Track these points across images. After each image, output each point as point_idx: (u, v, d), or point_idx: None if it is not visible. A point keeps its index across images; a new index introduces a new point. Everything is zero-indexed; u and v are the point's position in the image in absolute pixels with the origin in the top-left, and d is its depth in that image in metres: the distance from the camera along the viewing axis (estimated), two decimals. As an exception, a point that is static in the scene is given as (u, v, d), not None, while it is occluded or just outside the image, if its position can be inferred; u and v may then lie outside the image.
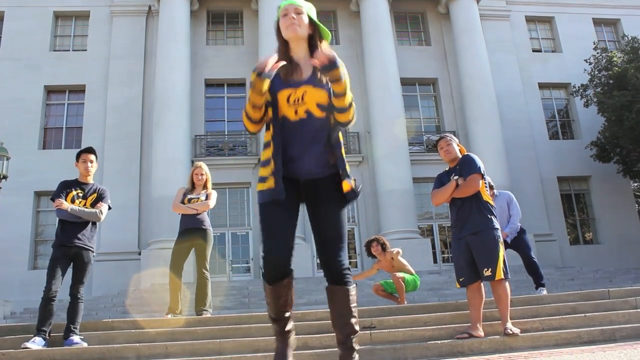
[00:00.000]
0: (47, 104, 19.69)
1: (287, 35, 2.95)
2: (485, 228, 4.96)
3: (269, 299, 2.93)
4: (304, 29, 2.95)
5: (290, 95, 2.90)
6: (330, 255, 2.92)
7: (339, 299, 2.91)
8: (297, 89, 2.90)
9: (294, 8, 2.95)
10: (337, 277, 2.90)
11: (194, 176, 6.91)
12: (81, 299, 5.45)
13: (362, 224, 19.02)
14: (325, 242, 2.95)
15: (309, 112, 2.92)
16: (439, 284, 14.08)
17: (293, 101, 2.90)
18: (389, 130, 18.63)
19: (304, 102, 2.90)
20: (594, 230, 20.96)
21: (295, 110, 2.91)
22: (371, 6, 20.25)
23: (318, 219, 2.99)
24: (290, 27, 2.92)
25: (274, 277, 2.85)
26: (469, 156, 5.20)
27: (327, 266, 2.93)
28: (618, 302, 6.31)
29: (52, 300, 5.28)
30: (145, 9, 20.43)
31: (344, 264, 2.92)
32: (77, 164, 5.75)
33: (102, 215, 5.59)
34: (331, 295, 2.94)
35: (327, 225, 2.97)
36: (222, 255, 18.16)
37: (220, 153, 19.35)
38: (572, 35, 22.73)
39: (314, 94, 2.91)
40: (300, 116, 2.92)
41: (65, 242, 5.46)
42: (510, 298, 5.02)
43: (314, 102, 2.91)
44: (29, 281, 15.92)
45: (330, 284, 2.94)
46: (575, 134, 21.80)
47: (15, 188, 16.34)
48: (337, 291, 2.91)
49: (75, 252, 5.46)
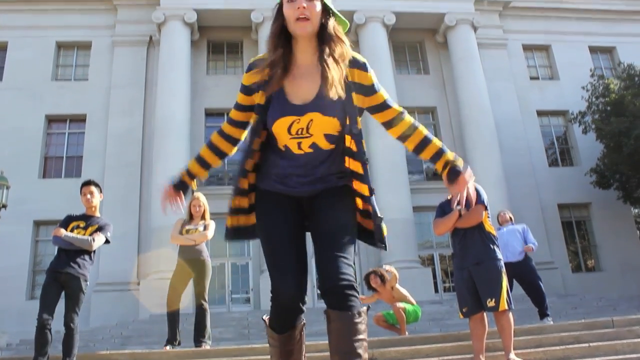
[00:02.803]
0: (48, 133, 19.76)
1: (296, 31, 2.26)
2: (488, 258, 4.93)
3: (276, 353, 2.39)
4: (316, 22, 2.26)
5: (292, 124, 2.28)
6: (327, 269, 2.21)
7: (336, 329, 2.16)
8: (302, 117, 2.28)
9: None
10: (334, 298, 2.17)
11: (191, 207, 6.91)
12: (75, 329, 5.36)
13: (362, 254, 18.88)
14: (326, 254, 2.25)
15: (315, 146, 2.33)
16: (441, 314, 13.93)
17: (296, 132, 2.29)
18: (389, 159, 18.66)
19: (309, 134, 2.30)
20: (596, 257, 20.84)
21: (299, 143, 2.31)
22: (370, 36, 20.48)
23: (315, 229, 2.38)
24: (298, 23, 2.22)
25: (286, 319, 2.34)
26: (473, 186, 5.18)
27: (323, 284, 2.21)
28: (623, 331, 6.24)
29: (45, 327, 5.21)
30: (147, 38, 20.64)
31: (344, 281, 2.18)
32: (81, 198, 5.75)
33: (94, 243, 5.52)
34: (330, 325, 2.20)
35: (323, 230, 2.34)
36: (221, 286, 18.04)
37: (220, 182, 19.36)
38: (569, 63, 22.92)
39: (322, 124, 2.29)
40: (304, 150, 2.34)
41: (56, 268, 5.44)
42: (513, 328, 4.96)
43: (322, 133, 2.31)
44: (27, 311, 15.67)
45: (328, 307, 2.20)
46: (575, 161, 21.83)
47: (14, 217, 16.28)
48: (333, 318, 2.17)
49: (65, 279, 5.41)
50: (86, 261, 5.57)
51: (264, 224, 2.41)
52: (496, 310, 4.82)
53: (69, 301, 5.42)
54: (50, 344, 5.30)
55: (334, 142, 2.36)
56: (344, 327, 2.13)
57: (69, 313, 5.37)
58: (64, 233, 5.45)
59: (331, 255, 2.21)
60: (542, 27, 23.44)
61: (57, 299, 5.42)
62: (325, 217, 2.35)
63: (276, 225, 2.37)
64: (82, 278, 5.50)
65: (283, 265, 2.28)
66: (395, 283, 7.89)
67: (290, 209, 2.41)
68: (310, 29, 2.24)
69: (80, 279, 5.48)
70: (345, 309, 2.13)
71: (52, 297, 5.35)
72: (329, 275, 2.18)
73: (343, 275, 2.17)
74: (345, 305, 2.14)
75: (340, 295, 2.15)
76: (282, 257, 2.30)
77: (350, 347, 2.11)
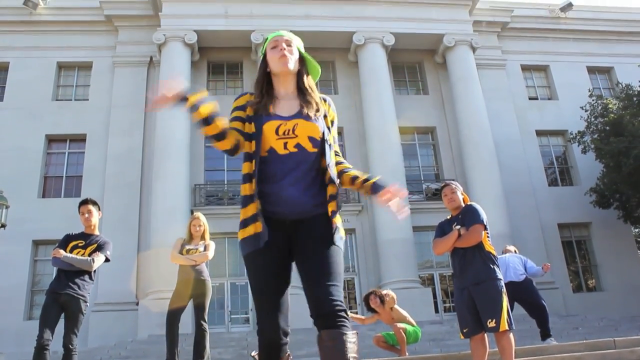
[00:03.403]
0: (48, 152, 19.79)
1: (279, 69, 2.72)
2: (488, 278, 4.91)
3: None
4: (295, 62, 2.75)
5: (279, 127, 2.64)
6: (321, 292, 2.41)
7: (334, 347, 2.31)
8: (288, 121, 2.65)
9: (284, 40, 2.76)
10: (329, 320, 2.36)
11: (191, 227, 6.91)
12: (75, 350, 5.32)
13: (362, 274, 18.83)
14: (314, 282, 2.46)
15: (300, 146, 2.64)
16: (441, 334, 13.83)
17: (283, 132, 2.63)
18: (388, 179, 18.63)
19: (295, 135, 2.63)
20: (597, 277, 20.75)
21: (285, 143, 2.63)
22: (369, 57, 20.61)
23: (305, 255, 2.57)
24: (282, 59, 2.70)
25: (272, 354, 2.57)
26: (472, 206, 5.18)
27: (317, 310, 2.40)
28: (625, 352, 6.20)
29: (45, 348, 5.18)
30: (147, 59, 20.78)
31: (338, 304, 2.39)
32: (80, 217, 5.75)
33: (94, 263, 5.51)
34: (322, 344, 2.36)
35: (315, 263, 2.51)
36: (220, 306, 17.92)
37: (220, 202, 19.33)
38: (568, 83, 23.06)
39: (306, 127, 2.66)
40: (290, 150, 2.63)
41: (55, 289, 5.42)
42: (514, 349, 4.92)
43: (306, 135, 2.65)
44: (24, 332, 15.57)
45: (322, 328, 2.37)
46: (575, 181, 21.85)
47: (13, 236, 16.24)
48: (330, 337, 2.33)
49: (65, 300, 5.39)
50: (86, 282, 5.56)
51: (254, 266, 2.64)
52: (497, 331, 4.78)
53: (68, 322, 5.40)
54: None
55: (316, 146, 2.67)
56: (337, 344, 2.30)
57: (68, 334, 5.34)
58: (64, 254, 5.44)
59: (323, 283, 2.44)
60: (540, 47, 23.63)
61: (57, 320, 5.40)
62: (313, 250, 2.56)
63: (264, 268, 2.61)
64: (82, 299, 5.49)
65: (268, 307, 2.58)
66: (394, 304, 7.87)
67: (279, 247, 2.61)
68: (291, 66, 2.71)
69: (80, 300, 5.46)
70: (338, 328, 2.33)
71: (52, 318, 5.33)
72: (323, 301, 2.40)
73: (335, 301, 2.40)
74: (338, 325, 2.34)
75: (334, 317, 2.36)
76: (269, 299, 2.60)
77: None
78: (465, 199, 5.33)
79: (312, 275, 2.48)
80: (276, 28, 19.86)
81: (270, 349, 2.58)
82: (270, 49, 2.75)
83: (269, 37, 2.81)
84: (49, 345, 5.22)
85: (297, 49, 2.78)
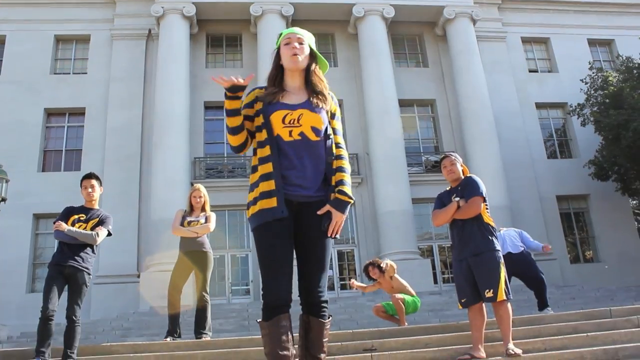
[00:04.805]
0: (47, 126, 19.75)
1: (289, 66, 2.96)
2: (486, 249, 4.96)
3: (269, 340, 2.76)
4: (305, 60, 2.97)
5: (286, 116, 2.88)
6: (312, 285, 2.87)
7: (313, 331, 2.87)
8: (294, 111, 2.90)
9: (297, 37, 2.97)
10: (315, 308, 2.87)
11: (192, 199, 6.90)
12: (78, 322, 5.39)
13: (362, 245, 18.96)
14: (309, 272, 2.88)
15: (303, 135, 2.90)
16: (440, 305, 14.01)
17: (289, 122, 2.88)
18: (388, 151, 18.70)
19: (299, 124, 2.89)
20: (594, 248, 20.92)
21: (290, 131, 2.89)
22: (369, 29, 20.45)
23: (305, 247, 2.92)
24: (293, 58, 2.92)
25: (274, 313, 2.76)
26: (471, 178, 5.21)
27: (307, 296, 2.89)
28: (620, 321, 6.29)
29: (49, 319, 5.24)
30: (145, 32, 20.61)
31: (323, 296, 2.88)
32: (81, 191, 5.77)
33: (99, 238, 5.57)
34: (306, 325, 2.89)
35: (313, 255, 2.90)
36: (221, 278, 18.10)
37: (220, 175, 19.37)
38: (568, 56, 22.93)
39: (310, 117, 2.90)
40: (294, 137, 2.89)
41: (59, 262, 5.47)
42: (512, 318, 5.00)
43: (309, 125, 2.90)
44: (27, 304, 15.77)
45: (305, 313, 2.90)
46: (573, 153, 21.88)
47: (14, 210, 16.33)
48: (313, 323, 2.87)
49: (69, 272, 5.45)
50: (89, 255, 5.61)
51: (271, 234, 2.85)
52: (494, 301, 4.84)
53: (72, 294, 5.46)
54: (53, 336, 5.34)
55: (319, 135, 2.94)
56: (319, 330, 2.87)
57: (72, 306, 5.39)
58: (67, 228, 5.48)
59: (314, 275, 2.88)
60: (540, 20, 23.44)
61: (61, 292, 5.46)
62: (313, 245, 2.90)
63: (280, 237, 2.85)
64: (86, 272, 5.54)
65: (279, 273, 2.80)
66: (394, 273, 7.95)
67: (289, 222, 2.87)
68: (301, 65, 2.96)
69: (84, 272, 5.52)
70: (321, 318, 2.87)
71: (56, 290, 5.38)
72: (311, 292, 2.88)
73: (321, 293, 2.88)
74: (320, 315, 2.87)
75: (318, 307, 2.88)
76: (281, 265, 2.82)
77: (320, 343, 2.87)
78: (464, 170, 5.35)
79: (307, 265, 2.89)
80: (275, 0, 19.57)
81: (272, 309, 2.78)
82: (284, 45, 2.97)
83: (283, 32, 3.04)
84: (53, 317, 5.28)
85: (309, 46, 3.00)
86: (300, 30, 3.02)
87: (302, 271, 2.90)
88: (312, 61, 3.03)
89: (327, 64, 3.09)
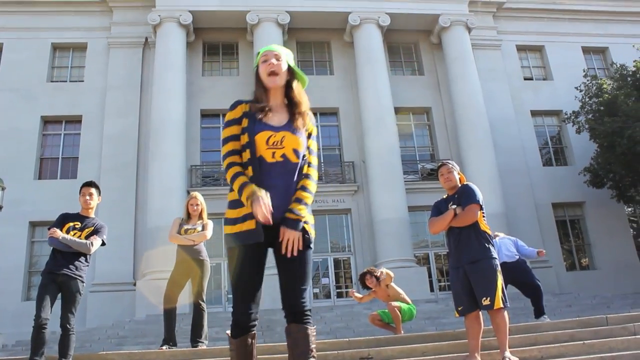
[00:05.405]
0: (44, 134, 19.73)
1: (268, 84, 3.01)
2: (483, 257, 4.98)
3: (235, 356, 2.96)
4: (283, 77, 3.03)
5: (270, 137, 2.94)
6: (295, 297, 2.92)
7: (299, 339, 2.89)
8: (277, 133, 2.96)
9: (273, 54, 3.03)
10: (298, 316, 2.91)
11: (189, 206, 6.91)
12: (72, 330, 5.38)
13: (358, 253, 18.96)
14: (291, 286, 2.93)
15: (285, 156, 2.96)
16: (436, 313, 14.00)
17: (272, 143, 2.95)
18: (384, 159, 18.74)
19: (282, 146, 2.95)
20: (590, 255, 20.96)
21: (273, 152, 2.95)
22: (364, 37, 20.52)
23: (285, 261, 2.94)
24: (270, 77, 2.99)
25: (242, 333, 2.93)
26: (468, 186, 5.23)
27: (290, 307, 2.93)
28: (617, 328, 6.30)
29: (43, 328, 5.23)
30: (142, 40, 20.64)
31: (306, 305, 2.93)
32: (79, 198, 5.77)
33: (92, 247, 5.57)
34: (291, 334, 2.92)
35: (293, 268, 2.94)
36: (217, 286, 18.06)
37: (216, 183, 19.37)
38: (563, 64, 23.06)
39: (291, 140, 2.97)
40: (276, 159, 2.95)
41: (53, 269, 5.46)
42: (508, 326, 5.01)
43: (291, 148, 2.97)
44: (22, 312, 15.68)
45: (290, 322, 2.95)
46: (569, 160, 21.96)
47: (10, 218, 16.28)
48: (298, 330, 2.90)
49: (62, 280, 5.44)
50: (82, 263, 5.60)
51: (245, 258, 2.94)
52: (491, 309, 4.86)
53: (65, 302, 5.44)
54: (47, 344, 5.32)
55: (298, 157, 3.00)
56: (303, 336, 2.88)
57: (66, 314, 5.38)
58: (61, 235, 5.47)
59: (297, 287, 2.92)
60: (535, 28, 23.58)
61: (55, 300, 5.44)
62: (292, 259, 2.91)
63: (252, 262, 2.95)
64: (80, 280, 5.53)
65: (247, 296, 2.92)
66: (390, 281, 7.95)
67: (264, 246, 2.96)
68: (279, 82, 3.01)
69: (78, 280, 5.51)
70: (305, 324, 2.89)
71: (49, 298, 5.37)
72: (294, 303, 2.91)
73: (304, 303, 2.92)
74: (304, 322, 2.90)
75: (301, 315, 2.90)
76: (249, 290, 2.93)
77: (307, 349, 2.87)
78: (461, 178, 5.38)
79: (288, 279, 2.94)
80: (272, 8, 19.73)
81: (240, 329, 2.93)
82: (262, 62, 3.04)
83: (261, 51, 3.10)
84: (47, 325, 5.27)
85: (287, 62, 3.05)
86: (277, 47, 3.09)
87: (284, 284, 2.96)
88: (291, 77, 3.08)
89: (306, 80, 3.14)
